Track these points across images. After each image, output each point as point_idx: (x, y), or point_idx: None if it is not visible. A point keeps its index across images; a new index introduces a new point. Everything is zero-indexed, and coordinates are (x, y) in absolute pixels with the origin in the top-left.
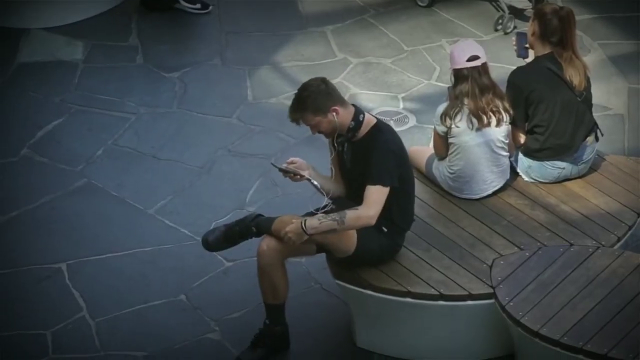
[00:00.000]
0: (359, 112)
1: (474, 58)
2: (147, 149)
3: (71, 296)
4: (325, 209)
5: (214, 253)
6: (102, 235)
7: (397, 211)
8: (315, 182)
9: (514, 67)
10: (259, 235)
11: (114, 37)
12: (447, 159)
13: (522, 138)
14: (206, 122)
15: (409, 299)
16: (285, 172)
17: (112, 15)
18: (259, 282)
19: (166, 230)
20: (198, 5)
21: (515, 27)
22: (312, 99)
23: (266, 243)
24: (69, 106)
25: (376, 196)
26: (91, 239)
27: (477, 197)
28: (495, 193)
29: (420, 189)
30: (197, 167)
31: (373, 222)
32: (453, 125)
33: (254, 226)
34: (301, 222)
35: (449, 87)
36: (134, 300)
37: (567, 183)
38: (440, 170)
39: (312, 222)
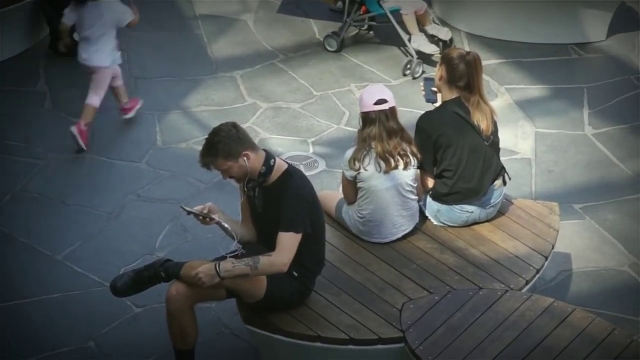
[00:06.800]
0: (269, 157)
1: (382, 102)
2: (56, 195)
3: None
4: (235, 254)
5: (123, 299)
6: (9, 282)
7: (308, 255)
8: (226, 225)
9: (423, 112)
10: (168, 280)
11: (22, 83)
12: (357, 203)
13: (431, 182)
14: (115, 167)
15: (319, 344)
16: (195, 215)
17: (19, 60)
18: (169, 328)
19: (75, 276)
20: None
21: (423, 72)
22: (223, 144)
23: (175, 288)
24: None
25: (289, 243)
26: None
27: (387, 241)
28: (404, 237)
29: (330, 234)
30: (106, 213)
31: (286, 269)
32: (361, 169)
33: (162, 271)
34: (215, 264)
35: (358, 131)
36: (42, 348)
37: (475, 227)
38: (350, 214)
39: (226, 265)
